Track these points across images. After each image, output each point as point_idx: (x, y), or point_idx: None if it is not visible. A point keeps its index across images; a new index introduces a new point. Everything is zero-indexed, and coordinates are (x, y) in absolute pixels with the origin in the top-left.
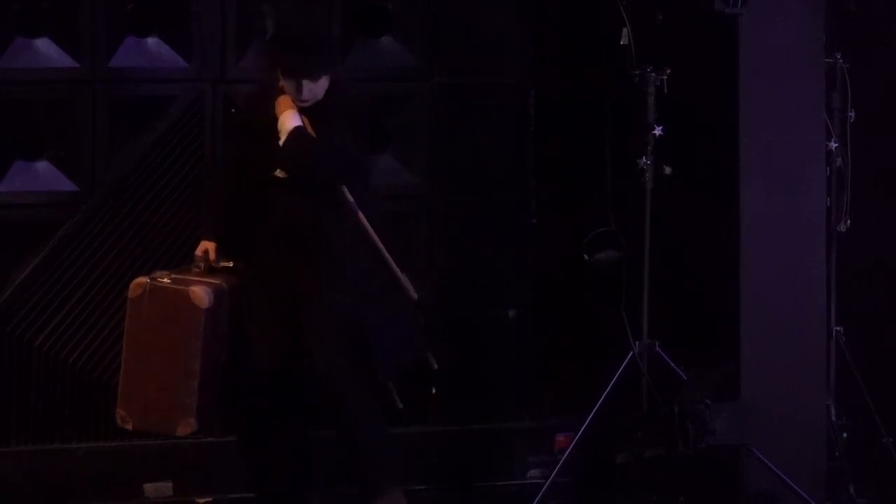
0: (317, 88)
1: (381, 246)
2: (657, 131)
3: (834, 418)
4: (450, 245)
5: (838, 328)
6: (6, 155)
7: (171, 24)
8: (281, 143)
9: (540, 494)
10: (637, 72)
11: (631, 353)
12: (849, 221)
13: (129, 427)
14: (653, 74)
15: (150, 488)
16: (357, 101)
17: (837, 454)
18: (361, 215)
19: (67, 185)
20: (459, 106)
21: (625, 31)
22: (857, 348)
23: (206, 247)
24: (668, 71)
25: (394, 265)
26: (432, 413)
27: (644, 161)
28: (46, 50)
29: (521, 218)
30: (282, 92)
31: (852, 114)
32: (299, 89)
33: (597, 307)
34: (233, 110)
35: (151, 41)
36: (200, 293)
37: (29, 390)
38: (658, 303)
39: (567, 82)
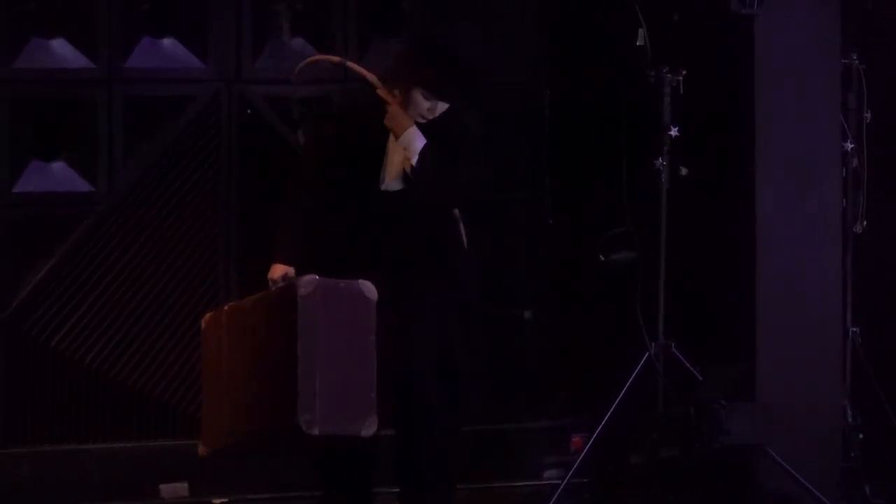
0: (444, 108)
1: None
2: (673, 132)
3: (849, 419)
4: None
5: (854, 329)
6: (22, 155)
7: (187, 24)
8: (413, 161)
9: (555, 495)
10: (653, 72)
11: (647, 353)
12: (865, 222)
13: (316, 431)
14: (668, 75)
15: (165, 489)
16: (467, 119)
17: (853, 454)
18: (462, 227)
19: (83, 186)
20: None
21: (641, 31)
22: (873, 349)
23: (286, 271)
24: (684, 72)
25: None
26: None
27: (660, 162)
28: (62, 50)
29: (537, 218)
30: (375, 99)
31: (868, 114)
32: (433, 109)
33: (612, 307)
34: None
35: (167, 42)
36: (371, 286)
37: (45, 391)
38: (674, 303)
39: (582, 82)
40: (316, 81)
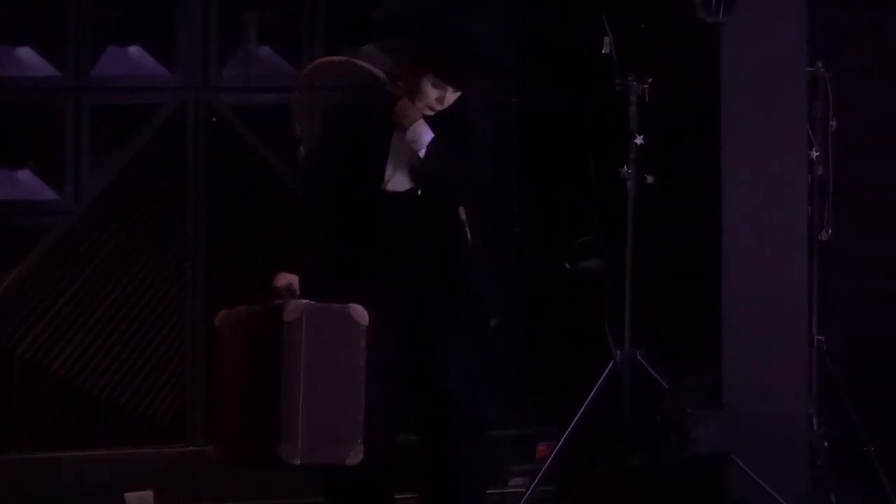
0: (453, 98)
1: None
2: (639, 140)
3: (816, 427)
4: None
5: (820, 337)
6: None
7: (154, 33)
8: (421, 156)
9: (521, 503)
10: (619, 81)
11: (612, 361)
12: (830, 230)
13: (298, 461)
14: (634, 83)
15: (131, 497)
16: (478, 114)
17: (819, 462)
18: (467, 228)
19: (49, 195)
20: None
21: (606, 39)
22: (839, 357)
23: (290, 279)
24: (650, 80)
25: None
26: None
27: (626, 170)
28: (28, 59)
29: (505, 226)
30: (376, 97)
31: (834, 122)
32: (442, 98)
33: (581, 315)
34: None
35: (134, 50)
36: (361, 310)
37: (11, 399)
38: (640, 311)
39: (550, 91)
40: (281, 89)
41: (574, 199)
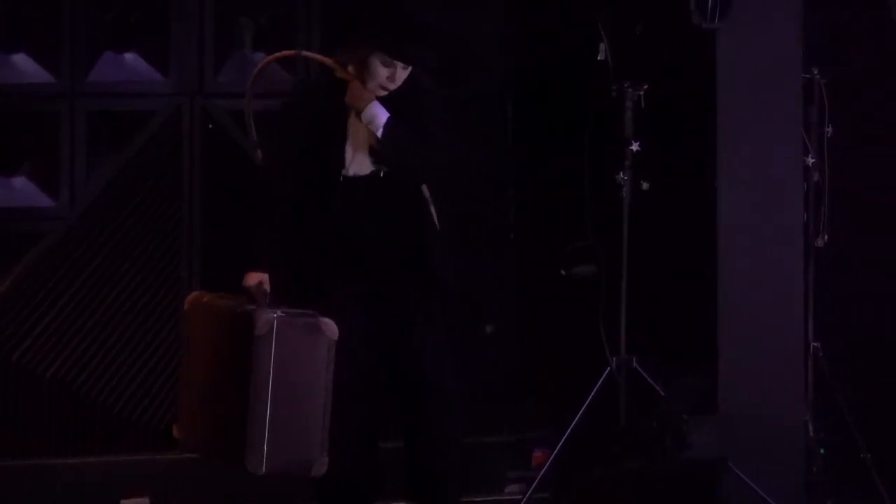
0: (404, 75)
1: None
2: (634, 146)
3: (812, 433)
4: None
5: (816, 343)
6: None
7: (149, 39)
8: (379, 135)
9: None
10: (614, 87)
11: (608, 368)
12: (826, 236)
13: (262, 472)
14: (630, 89)
15: None
16: (433, 94)
17: (815, 469)
18: (432, 207)
19: (45, 201)
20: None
21: (602, 45)
22: (835, 363)
23: (260, 278)
24: (645, 86)
25: None
26: None
27: (621, 176)
28: (24, 65)
29: (500, 232)
30: (330, 85)
31: (829, 129)
32: (393, 76)
33: (578, 321)
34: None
35: (129, 56)
36: (332, 324)
37: (7, 405)
38: (636, 317)
39: (546, 96)
40: (276, 95)
41: (571, 202)
